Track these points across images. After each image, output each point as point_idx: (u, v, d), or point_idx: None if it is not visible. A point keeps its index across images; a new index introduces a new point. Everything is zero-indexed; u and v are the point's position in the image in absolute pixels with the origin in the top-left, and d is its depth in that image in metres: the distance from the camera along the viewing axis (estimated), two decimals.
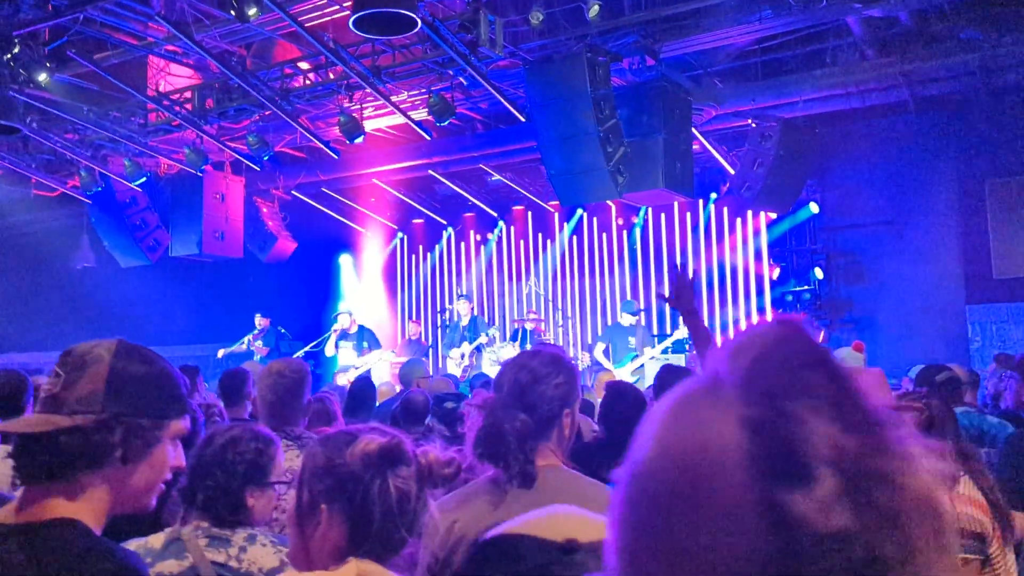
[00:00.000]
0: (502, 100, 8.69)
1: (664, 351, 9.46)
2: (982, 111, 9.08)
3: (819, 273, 10.46)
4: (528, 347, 9.94)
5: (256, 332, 10.97)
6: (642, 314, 10.33)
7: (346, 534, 1.36)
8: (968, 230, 9.75)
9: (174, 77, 9.99)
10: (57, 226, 14.14)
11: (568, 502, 1.79)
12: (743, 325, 10.94)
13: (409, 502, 1.38)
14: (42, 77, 7.94)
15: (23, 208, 13.36)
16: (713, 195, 11.33)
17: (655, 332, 11.19)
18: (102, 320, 13.65)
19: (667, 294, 3.11)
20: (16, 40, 7.47)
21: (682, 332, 9.71)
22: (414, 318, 13.10)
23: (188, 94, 9.96)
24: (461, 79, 8.65)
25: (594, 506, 1.80)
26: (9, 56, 7.42)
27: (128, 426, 1.32)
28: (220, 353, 10.92)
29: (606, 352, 9.71)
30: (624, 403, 3.66)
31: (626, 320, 9.76)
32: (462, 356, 10.36)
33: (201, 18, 8.11)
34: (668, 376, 4.22)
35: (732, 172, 10.12)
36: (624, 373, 9.11)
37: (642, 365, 9.33)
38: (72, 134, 10.74)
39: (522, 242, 13.08)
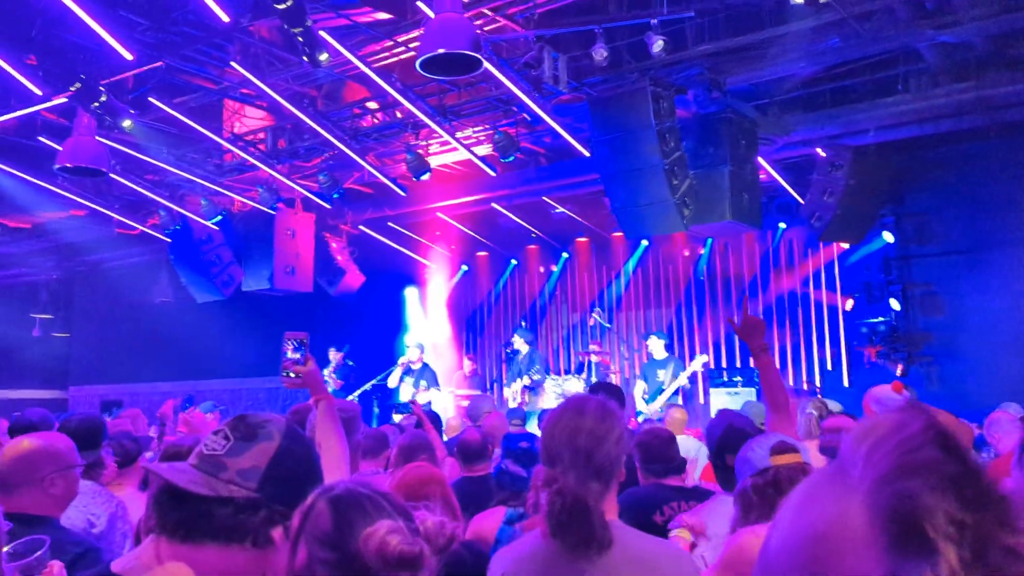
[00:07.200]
0: (565, 135, 8.73)
1: (692, 378, 9.35)
2: None
3: (895, 304, 10.08)
4: (594, 380, 9.85)
5: (332, 367, 11.13)
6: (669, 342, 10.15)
7: None
8: None
9: (248, 119, 10.35)
10: (138, 263, 14.70)
11: (641, 559, 1.75)
12: (815, 358, 10.67)
13: None
14: (127, 124, 8.30)
15: (106, 246, 13.95)
16: (782, 225, 11.07)
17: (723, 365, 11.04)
18: (177, 353, 14.09)
19: (736, 324, 3.04)
20: (103, 88, 7.83)
21: (697, 364, 9.49)
22: (471, 352, 13.14)
23: (262, 135, 10.30)
24: (525, 115, 8.73)
25: (666, 563, 1.77)
26: (97, 104, 7.79)
27: (271, 511, 1.29)
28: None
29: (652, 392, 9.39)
30: None
31: (659, 353, 9.56)
32: (513, 395, 10.25)
33: (274, 62, 8.40)
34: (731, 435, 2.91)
35: (802, 202, 9.90)
36: (654, 411, 8.87)
37: (669, 395, 9.08)
38: (152, 175, 11.19)
39: (586, 274, 13.04)
